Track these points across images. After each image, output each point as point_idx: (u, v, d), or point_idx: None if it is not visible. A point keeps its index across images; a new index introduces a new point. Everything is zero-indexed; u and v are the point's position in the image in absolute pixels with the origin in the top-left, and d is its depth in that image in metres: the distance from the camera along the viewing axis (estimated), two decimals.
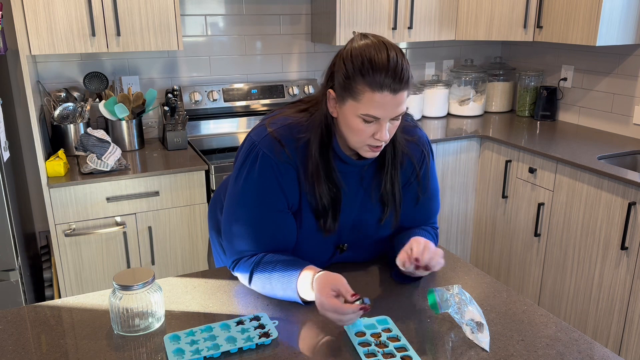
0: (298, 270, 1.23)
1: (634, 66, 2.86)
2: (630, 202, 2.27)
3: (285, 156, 1.25)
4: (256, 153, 1.26)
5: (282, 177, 1.26)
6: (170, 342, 1.12)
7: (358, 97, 1.16)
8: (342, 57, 1.19)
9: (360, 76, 1.14)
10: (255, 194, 1.27)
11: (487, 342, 1.14)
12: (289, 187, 1.27)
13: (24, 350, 1.11)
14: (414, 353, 1.09)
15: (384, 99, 1.14)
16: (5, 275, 2.07)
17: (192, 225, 2.54)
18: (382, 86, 1.13)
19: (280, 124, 1.28)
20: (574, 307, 2.62)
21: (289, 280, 1.23)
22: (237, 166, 1.30)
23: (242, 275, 1.31)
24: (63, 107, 2.61)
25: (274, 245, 1.30)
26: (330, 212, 1.30)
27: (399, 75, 1.13)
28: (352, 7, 2.86)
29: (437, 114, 3.45)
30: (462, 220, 3.16)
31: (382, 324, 1.19)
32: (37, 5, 2.26)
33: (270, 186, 1.26)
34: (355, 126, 1.19)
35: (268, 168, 1.25)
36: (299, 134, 1.27)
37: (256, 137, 1.28)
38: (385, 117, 1.17)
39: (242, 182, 1.28)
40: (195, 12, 2.91)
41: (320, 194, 1.27)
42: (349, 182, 1.32)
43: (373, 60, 1.13)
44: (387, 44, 1.16)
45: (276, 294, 1.27)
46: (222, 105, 2.99)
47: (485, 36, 3.12)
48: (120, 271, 1.18)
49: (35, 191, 2.77)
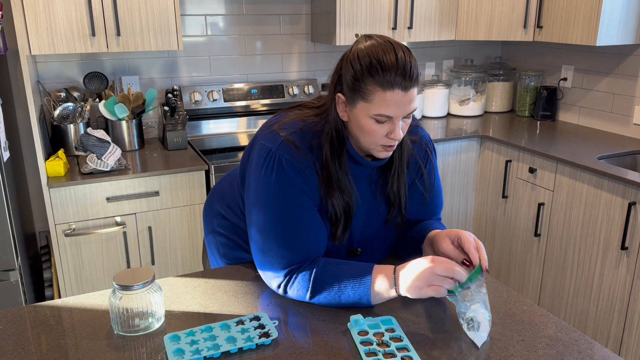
0: (370, 266, 1.21)
1: (634, 66, 2.86)
2: (630, 202, 2.27)
3: (305, 161, 1.23)
4: (276, 159, 1.22)
5: (306, 179, 1.23)
6: (170, 342, 1.12)
7: (369, 98, 1.15)
8: (349, 60, 1.18)
9: (370, 76, 1.14)
10: (282, 200, 1.22)
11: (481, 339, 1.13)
12: (312, 189, 1.25)
13: (24, 350, 1.11)
14: (415, 354, 1.09)
15: (396, 97, 1.14)
16: (5, 275, 2.07)
17: (192, 225, 2.54)
18: (393, 84, 1.13)
19: (292, 129, 1.25)
20: (574, 307, 2.62)
21: (362, 274, 1.20)
22: (255, 176, 1.25)
23: (299, 291, 1.24)
24: (63, 107, 2.61)
25: (313, 247, 1.26)
26: (342, 221, 1.28)
27: (408, 73, 1.14)
28: (352, 7, 2.86)
29: (437, 114, 3.45)
30: (462, 220, 3.16)
31: (386, 324, 1.19)
32: (37, 5, 2.26)
33: (293, 189, 1.22)
34: (368, 127, 1.18)
35: (290, 173, 1.22)
36: (312, 139, 1.25)
37: (271, 143, 1.24)
38: (397, 115, 1.17)
39: (265, 192, 1.23)
40: (195, 12, 2.91)
41: (333, 203, 1.25)
42: (359, 186, 1.32)
43: (381, 60, 1.13)
44: (394, 42, 1.17)
45: (343, 296, 1.21)
46: (222, 105, 2.99)
47: (485, 36, 3.12)
48: (120, 271, 1.18)
49: (35, 191, 2.77)
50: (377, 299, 1.21)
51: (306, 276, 1.22)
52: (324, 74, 3.28)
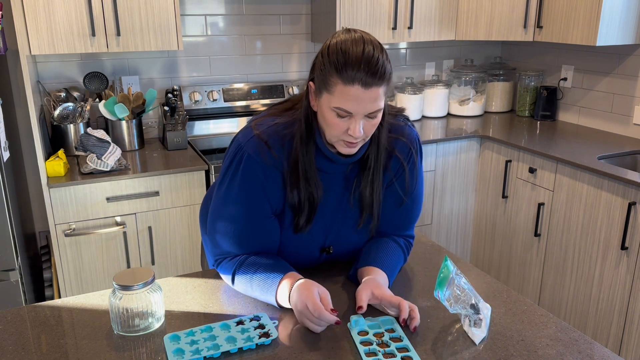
0: (279, 276, 1.24)
1: (634, 66, 2.86)
2: (630, 202, 2.27)
3: (272, 158, 1.24)
4: (241, 155, 1.25)
5: (267, 180, 1.25)
6: (170, 342, 1.12)
7: (331, 90, 1.14)
8: (322, 50, 1.19)
9: (334, 69, 1.13)
10: (240, 198, 1.26)
11: (479, 337, 1.13)
12: (273, 191, 1.27)
13: (24, 350, 1.11)
14: (415, 354, 1.09)
15: (356, 93, 1.12)
16: (5, 275, 2.07)
17: (192, 225, 2.54)
18: (353, 80, 1.11)
19: (267, 125, 1.27)
20: (574, 307, 2.62)
21: (270, 285, 1.24)
22: (224, 169, 1.29)
23: (225, 274, 1.33)
24: (63, 107, 2.61)
25: (258, 249, 1.30)
26: (306, 210, 1.28)
27: (372, 70, 1.11)
28: (352, 7, 2.86)
29: (437, 114, 3.45)
30: (462, 220, 3.16)
31: (386, 324, 1.19)
32: (37, 5, 2.26)
33: (254, 191, 1.25)
34: (330, 120, 1.17)
35: (253, 172, 1.24)
36: (285, 133, 1.26)
37: (242, 139, 1.26)
38: (357, 111, 1.14)
39: (228, 185, 1.27)
40: (195, 12, 2.91)
41: (297, 190, 1.26)
42: (332, 183, 1.31)
43: (347, 54, 1.12)
44: (366, 38, 1.15)
45: (257, 296, 1.28)
46: (222, 105, 2.99)
47: (485, 36, 3.12)
48: (120, 271, 1.18)
49: (35, 191, 2.77)
50: (285, 305, 1.24)
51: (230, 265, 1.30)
52: None
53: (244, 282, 1.28)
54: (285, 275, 1.24)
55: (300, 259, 1.38)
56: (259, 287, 1.25)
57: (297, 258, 1.36)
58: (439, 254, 1.53)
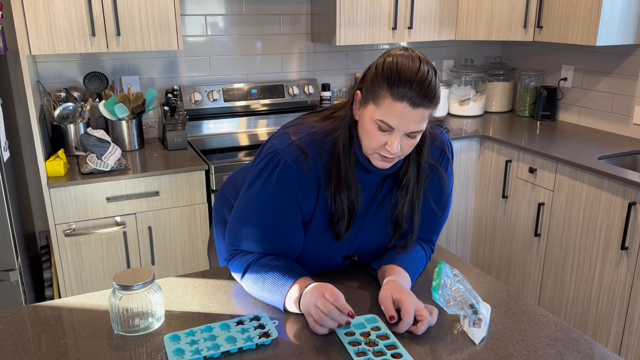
0: (293, 279, 1.23)
1: (634, 66, 2.86)
2: (630, 202, 2.27)
3: (308, 166, 1.23)
4: (278, 161, 1.24)
5: (301, 189, 1.25)
6: (170, 342, 1.12)
7: (378, 102, 1.15)
8: (376, 63, 1.18)
9: (385, 81, 1.13)
10: (270, 202, 1.25)
11: (479, 337, 1.13)
12: (306, 199, 1.26)
13: (24, 350, 1.11)
14: (404, 350, 1.09)
15: (403, 110, 1.13)
16: (5, 275, 2.07)
17: (192, 225, 2.54)
18: (402, 97, 1.12)
19: (306, 133, 1.26)
20: (574, 307, 2.62)
21: (281, 285, 1.23)
22: (256, 171, 1.27)
23: (235, 268, 1.32)
24: (63, 107, 2.61)
25: (278, 252, 1.30)
26: (346, 218, 1.28)
27: (423, 91, 1.12)
28: (352, 7, 2.86)
29: (437, 114, 3.44)
30: (462, 220, 3.16)
31: (370, 323, 1.19)
32: (37, 5, 2.26)
33: (287, 197, 1.25)
34: (370, 131, 1.18)
35: (288, 179, 1.23)
36: (323, 143, 1.25)
37: (279, 144, 1.25)
38: (399, 128, 1.15)
39: (260, 187, 1.26)
40: (195, 12, 2.91)
41: (341, 199, 1.25)
42: (364, 195, 1.31)
43: (402, 70, 1.12)
44: (423, 58, 1.16)
45: (263, 296, 1.27)
46: (222, 105, 2.99)
47: (485, 36, 3.12)
48: (120, 271, 1.18)
49: (35, 191, 2.77)
50: (291, 309, 1.24)
51: (244, 261, 1.30)
52: (324, 74, 3.28)
53: (254, 280, 1.27)
54: (298, 280, 1.23)
55: (322, 266, 1.37)
56: (271, 285, 1.24)
57: (318, 265, 1.36)
58: (439, 254, 1.54)
